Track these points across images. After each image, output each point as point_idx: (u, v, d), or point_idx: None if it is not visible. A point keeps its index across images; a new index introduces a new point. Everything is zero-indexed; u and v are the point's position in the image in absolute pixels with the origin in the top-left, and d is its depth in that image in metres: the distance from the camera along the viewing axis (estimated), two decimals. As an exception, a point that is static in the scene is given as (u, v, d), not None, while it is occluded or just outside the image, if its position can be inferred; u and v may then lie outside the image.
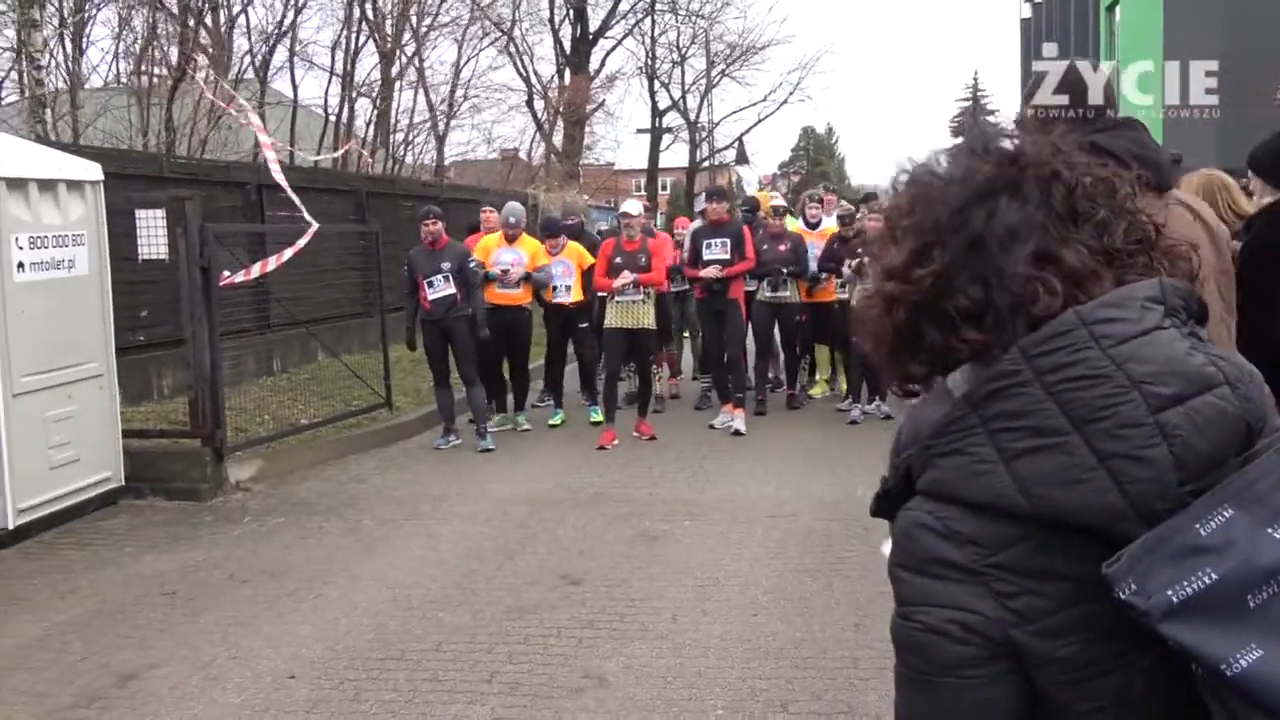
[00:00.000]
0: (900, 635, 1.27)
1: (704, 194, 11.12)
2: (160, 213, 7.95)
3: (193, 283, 7.85)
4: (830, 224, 10.82)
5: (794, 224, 11.25)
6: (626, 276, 8.97)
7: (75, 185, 7.25)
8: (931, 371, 1.33)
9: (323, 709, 4.34)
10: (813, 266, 10.26)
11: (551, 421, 10.19)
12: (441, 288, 9.12)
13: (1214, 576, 1.06)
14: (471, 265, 9.33)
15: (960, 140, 1.40)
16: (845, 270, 9.77)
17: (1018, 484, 1.15)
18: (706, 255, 9.64)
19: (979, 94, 75.47)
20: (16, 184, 6.70)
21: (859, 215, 10.31)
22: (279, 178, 9.83)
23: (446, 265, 9.13)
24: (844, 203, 10.90)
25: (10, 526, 6.62)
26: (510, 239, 9.88)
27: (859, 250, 9.60)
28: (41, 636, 5.20)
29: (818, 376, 11.44)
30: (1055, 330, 1.18)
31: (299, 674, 4.66)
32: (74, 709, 4.42)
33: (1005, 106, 71.49)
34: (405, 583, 5.84)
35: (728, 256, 9.59)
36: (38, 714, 4.38)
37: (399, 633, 5.11)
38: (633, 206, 9.59)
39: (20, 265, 6.69)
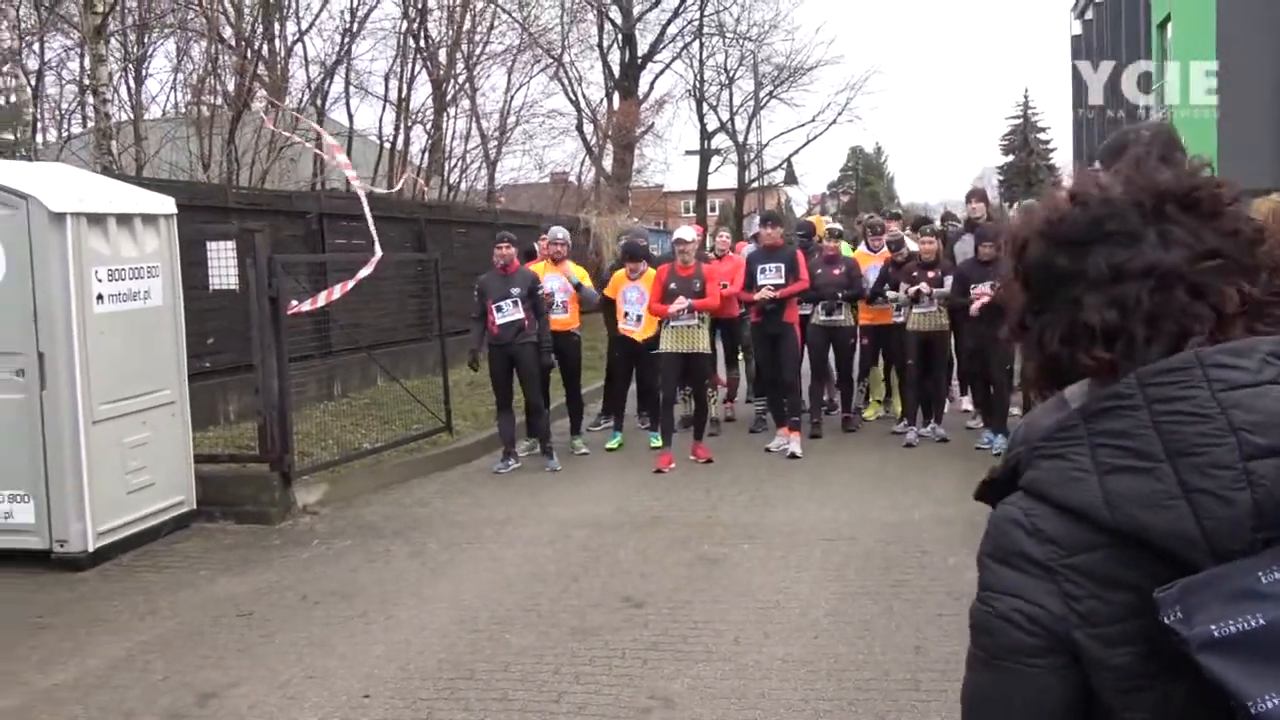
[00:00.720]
0: (977, 617, 1.34)
1: (758, 219, 11.22)
2: (230, 244, 8.20)
3: (262, 312, 8.08)
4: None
5: (849, 249, 11.32)
6: (680, 302, 9.09)
7: (150, 219, 7.51)
8: (1053, 376, 1.36)
9: (398, 728, 4.48)
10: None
11: (609, 445, 10.32)
12: (510, 312, 9.28)
13: (1261, 621, 1.11)
14: (542, 292, 9.49)
15: (1128, 154, 1.40)
16: (901, 295, 9.81)
17: (1105, 497, 1.21)
18: (760, 279, 9.74)
19: (1030, 111, 74.94)
20: (96, 219, 6.96)
21: (907, 238, 10.41)
22: (363, 197, 10.07)
23: (516, 290, 9.30)
24: (893, 228, 10.94)
25: (90, 549, 6.84)
26: (556, 261, 10.06)
27: (914, 274, 9.68)
28: (125, 656, 5.39)
29: (870, 398, 11.48)
30: (1173, 365, 1.22)
31: (374, 693, 4.81)
32: (159, 727, 4.59)
33: (1056, 124, 71.16)
34: (472, 605, 5.98)
35: (782, 281, 9.68)
36: (125, 731, 4.56)
37: (468, 653, 5.24)
38: (687, 233, 9.72)
39: (99, 297, 6.95)
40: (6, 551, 6.82)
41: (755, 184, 45.19)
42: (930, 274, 9.66)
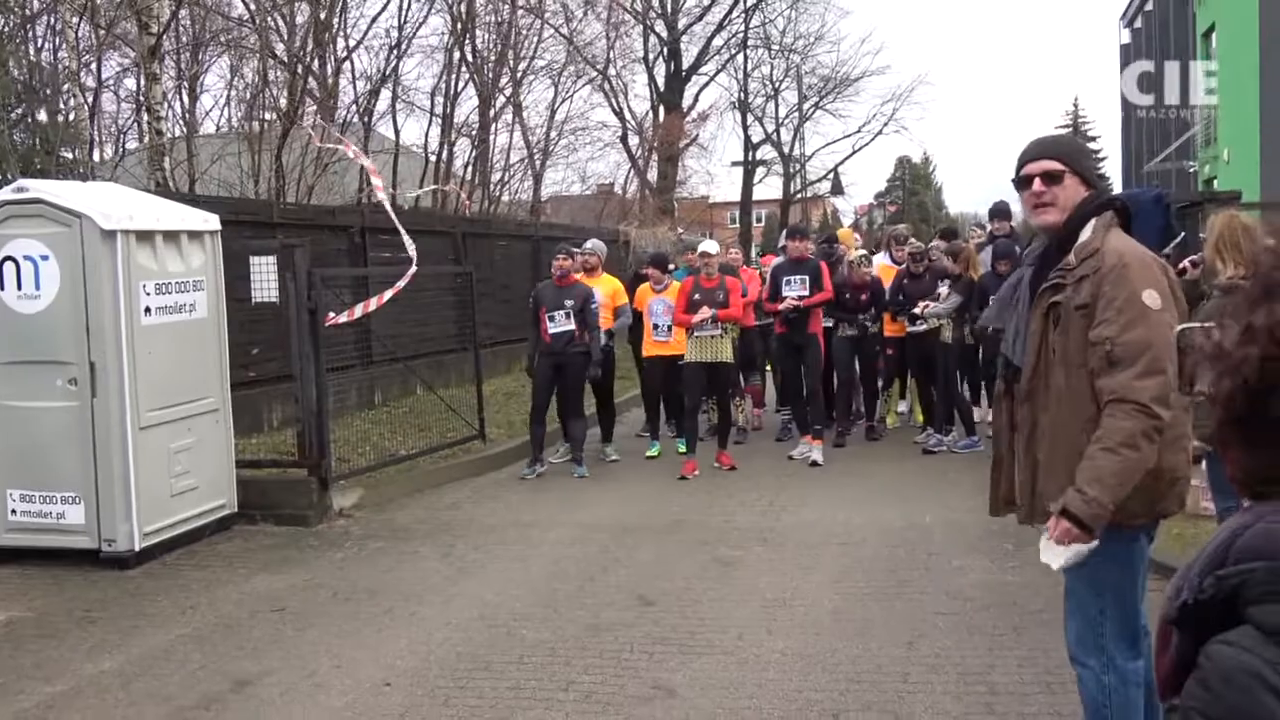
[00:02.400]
0: None
1: (785, 232, 11.49)
2: (272, 259, 8.58)
3: (301, 324, 8.46)
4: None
5: (879, 262, 11.51)
6: (705, 312, 9.38)
7: (196, 235, 7.91)
8: None
9: (415, 713, 4.79)
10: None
11: (650, 453, 10.60)
12: (562, 323, 9.62)
13: None
14: (594, 306, 9.81)
15: None
16: (918, 307, 10.04)
17: None
18: (785, 291, 10.01)
19: (1080, 120, 74.40)
20: (145, 236, 7.36)
21: (931, 249, 10.61)
22: (388, 207, 10.46)
23: (569, 303, 9.64)
24: (914, 240, 11.16)
25: (136, 549, 7.23)
26: (589, 271, 10.38)
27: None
28: (166, 647, 5.75)
29: (890, 407, 11.69)
30: None
31: (394, 682, 5.12)
32: (195, 709, 4.93)
33: (1106, 133, 70.61)
34: (493, 602, 6.29)
35: (806, 292, 9.95)
36: (163, 713, 4.90)
37: (485, 646, 5.55)
38: (711, 246, 10.04)
39: (148, 310, 7.35)
40: (58, 550, 7.23)
41: (800, 195, 45.32)
42: (941, 289, 9.90)
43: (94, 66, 15.96)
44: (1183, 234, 6.15)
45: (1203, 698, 1.03)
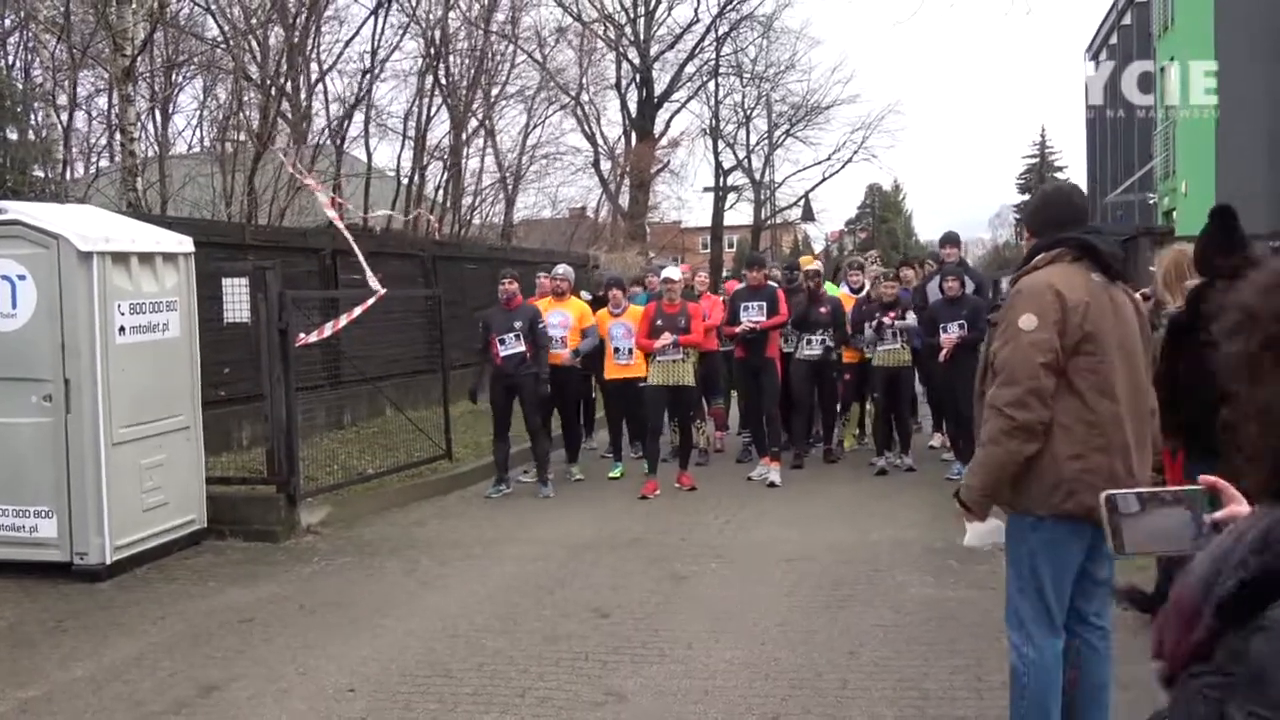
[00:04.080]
0: None
1: (745, 262, 11.84)
2: (244, 280, 8.81)
3: (271, 344, 8.68)
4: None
5: (834, 289, 11.90)
6: (666, 337, 9.67)
7: (170, 257, 8.14)
8: None
9: (376, 716, 5.01)
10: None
11: (612, 474, 10.84)
12: (513, 345, 9.86)
13: None
14: (542, 326, 10.06)
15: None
16: (867, 331, 10.39)
17: None
18: (743, 316, 10.35)
19: (1047, 151, 75.55)
20: (120, 257, 7.58)
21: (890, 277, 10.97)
22: (347, 235, 10.68)
23: (519, 324, 9.88)
24: (877, 265, 11.53)
25: (108, 562, 7.41)
26: (559, 295, 10.64)
27: (875, 314, 10.27)
28: (137, 655, 5.94)
29: (847, 430, 12.01)
30: None
31: (358, 688, 5.35)
32: (164, 714, 5.13)
33: (1073, 163, 71.70)
34: (455, 614, 6.52)
35: (763, 318, 10.28)
36: (133, 718, 5.10)
37: (446, 655, 5.78)
38: (673, 272, 10.33)
39: (122, 329, 7.56)
40: (31, 563, 7.40)
41: (771, 221, 45.80)
42: (891, 314, 10.24)
43: (68, 85, 16.18)
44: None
45: (1250, 692, 1.17)
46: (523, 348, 9.86)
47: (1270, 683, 1.15)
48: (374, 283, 10.26)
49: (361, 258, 10.49)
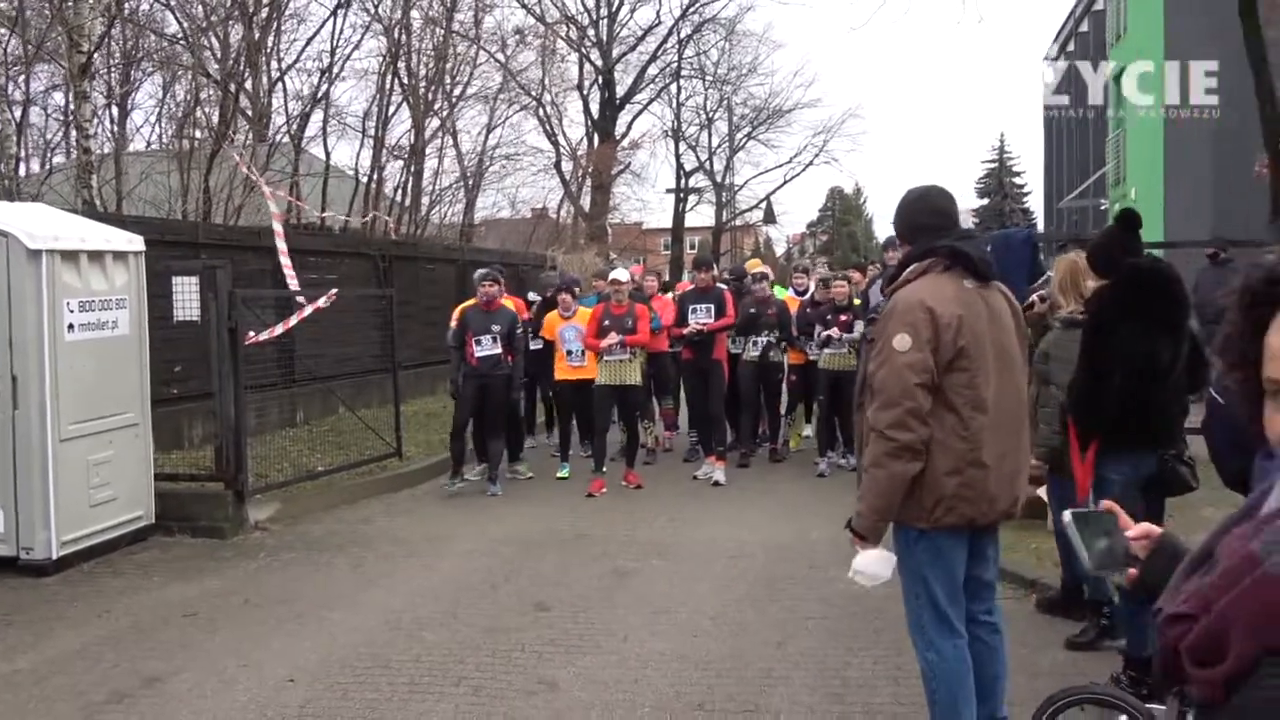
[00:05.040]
0: None
1: (692, 263, 12.02)
2: (194, 279, 8.89)
3: (221, 342, 8.77)
4: None
5: (783, 292, 12.13)
6: (613, 338, 9.83)
7: (120, 256, 8.21)
8: None
9: (315, 705, 5.14)
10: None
11: (560, 474, 10.97)
12: (489, 346, 9.95)
13: None
14: (519, 331, 10.16)
15: None
16: (817, 334, 10.59)
17: None
18: (691, 318, 10.54)
19: (1005, 155, 76.32)
20: (70, 256, 7.65)
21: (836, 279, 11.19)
22: (281, 245, 10.78)
23: (496, 327, 9.98)
24: (824, 268, 11.75)
25: (54, 557, 7.48)
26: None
27: (827, 317, 10.47)
28: (80, 648, 6.03)
29: (792, 429, 12.23)
30: None
31: (297, 678, 5.47)
32: (107, 704, 5.23)
33: (1031, 168, 72.55)
34: (398, 609, 6.65)
35: (711, 319, 10.48)
36: (77, 708, 5.20)
37: (386, 647, 5.91)
38: (621, 274, 10.49)
39: (71, 326, 7.63)
40: (-23, 558, 7.47)
41: (732, 222, 46.09)
42: (843, 317, 10.45)
43: (22, 81, 16.13)
44: (1049, 273, 6.74)
45: None
46: (498, 350, 9.95)
47: None
48: (293, 283, 10.37)
49: (287, 261, 10.58)
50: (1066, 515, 2.01)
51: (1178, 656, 1.38)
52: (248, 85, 18.64)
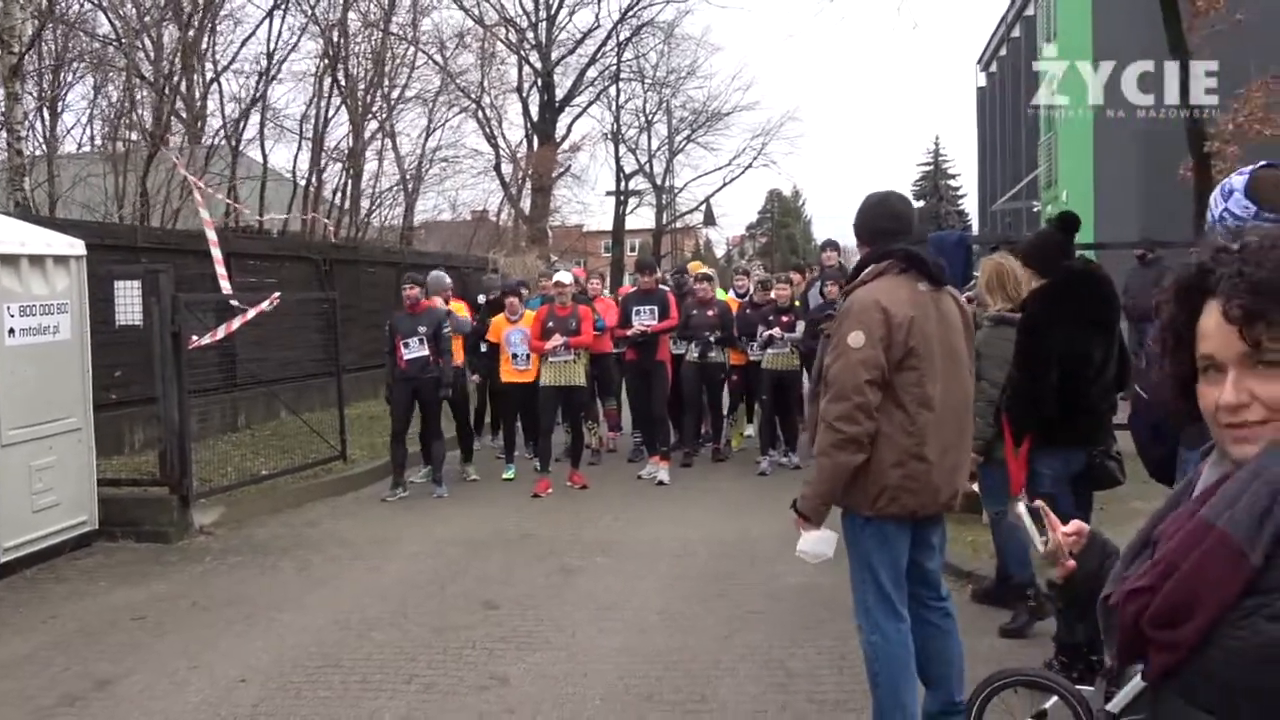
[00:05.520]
0: None
1: (635, 266, 12.15)
2: (136, 283, 8.85)
3: (164, 346, 8.75)
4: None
5: (723, 294, 12.31)
6: (557, 339, 9.94)
7: (61, 260, 8.16)
8: None
9: (268, 704, 5.20)
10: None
11: (505, 476, 11.02)
12: (417, 349, 10.00)
13: None
14: (446, 331, 10.23)
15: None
16: (759, 335, 10.78)
17: None
18: (635, 320, 10.68)
19: (940, 159, 77.45)
20: (10, 260, 7.60)
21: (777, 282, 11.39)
22: (210, 235, 10.76)
23: (423, 329, 10.02)
24: (760, 270, 11.96)
25: (-3, 563, 7.44)
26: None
27: (769, 318, 10.67)
28: (28, 653, 6.02)
29: (734, 429, 12.41)
30: None
31: (249, 678, 5.52)
32: (57, 708, 5.25)
33: (965, 171, 73.61)
34: (346, 609, 6.70)
35: (655, 321, 10.64)
36: (26, 713, 5.21)
37: (336, 647, 5.98)
38: (565, 276, 10.59)
39: (11, 331, 7.58)
40: (-82, 565, 7.39)
41: (672, 225, 46.29)
42: (785, 318, 10.66)
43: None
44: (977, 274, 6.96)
45: None
46: (426, 351, 10.02)
47: None
48: (226, 287, 10.37)
49: (222, 270, 10.57)
50: (1020, 506, 2.13)
51: (1138, 629, 1.48)
52: (182, 87, 18.47)
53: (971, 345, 4.29)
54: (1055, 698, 3.94)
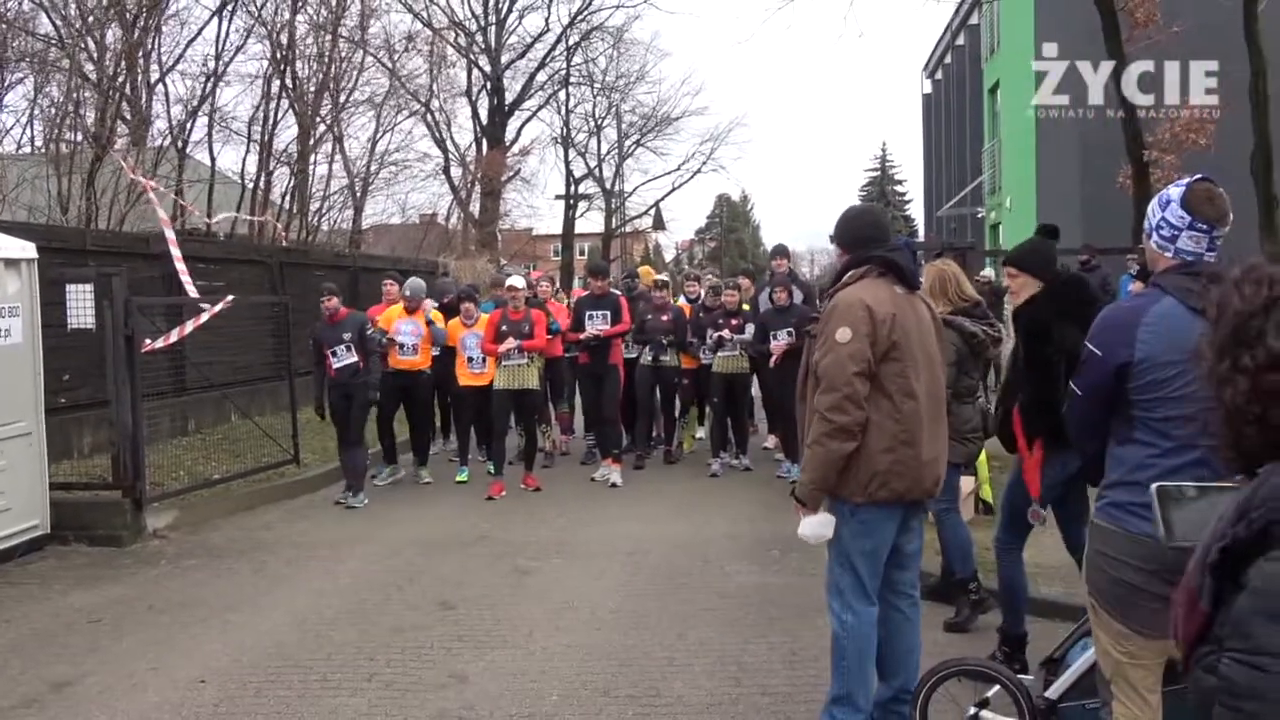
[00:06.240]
0: (1242, 680, 1.35)
1: (587, 270, 12.26)
2: (89, 287, 8.83)
3: (117, 350, 8.73)
4: None
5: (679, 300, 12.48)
6: (510, 343, 10.03)
7: (12, 263, 8.13)
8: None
9: (229, 704, 5.25)
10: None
11: (459, 478, 11.09)
12: (344, 356, 9.98)
13: None
14: (370, 333, 10.25)
15: None
16: (709, 338, 10.96)
17: None
18: (588, 324, 10.81)
19: (887, 165, 78.33)
20: (-39, 263, 7.57)
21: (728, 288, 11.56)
22: (180, 266, 10.73)
23: (347, 335, 10.01)
24: (711, 276, 12.13)
25: (-52, 568, 7.40)
26: (410, 310, 10.89)
27: (718, 321, 10.85)
28: (-17, 657, 6.03)
29: (686, 432, 12.57)
30: None
31: (208, 679, 5.57)
32: (15, 710, 5.27)
33: (911, 177, 74.54)
34: (304, 610, 6.76)
35: (608, 326, 10.78)
36: (-16, 715, 5.23)
37: (295, 647, 6.04)
38: (518, 281, 10.69)
39: (-38, 335, 7.55)
40: None
41: (621, 229, 46.45)
42: (734, 321, 10.85)
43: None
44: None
45: (1257, 601, 1.37)
46: (355, 358, 9.95)
47: (1250, 632, 1.34)
48: (191, 290, 10.36)
49: (183, 267, 10.55)
50: (1153, 488, 2.09)
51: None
52: (127, 88, 18.27)
53: (943, 346, 4.50)
54: (997, 686, 4.12)
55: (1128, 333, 3.17)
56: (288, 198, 21.75)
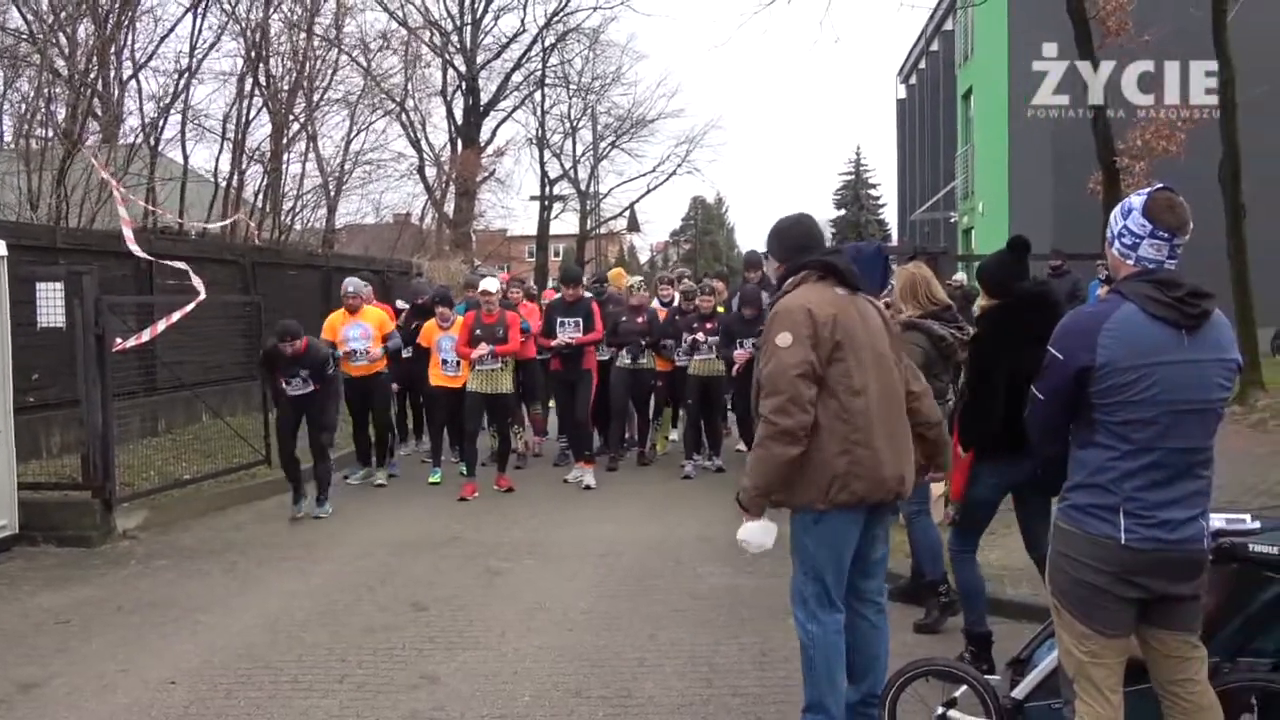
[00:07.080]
0: None
1: (560, 277, 12.24)
2: (59, 285, 8.78)
3: (88, 349, 8.68)
4: None
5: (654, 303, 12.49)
6: (484, 348, 10.03)
7: (-19, 261, 8.08)
8: None
9: (199, 705, 5.24)
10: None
11: (432, 479, 11.07)
12: (300, 387, 9.58)
13: None
14: (330, 372, 9.82)
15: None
16: (684, 341, 11.00)
17: None
18: (559, 331, 10.85)
19: (861, 168, 78.59)
20: (-71, 261, 7.51)
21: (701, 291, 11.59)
22: (135, 248, 10.69)
23: (304, 372, 9.55)
24: (687, 280, 12.18)
25: (-86, 568, 7.34)
26: (352, 310, 10.82)
27: (693, 325, 10.90)
28: (-50, 657, 5.98)
29: (659, 433, 12.60)
30: None
31: (179, 680, 5.55)
32: (-17, 711, 5.24)
33: (885, 181, 74.81)
34: (275, 611, 6.74)
35: (579, 333, 10.82)
36: (-49, 716, 5.20)
37: (266, 648, 6.03)
38: (491, 284, 10.68)
39: (-69, 333, 7.49)
40: None
41: (596, 230, 46.48)
42: (708, 324, 10.90)
43: None
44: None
45: None
46: (312, 388, 9.62)
47: None
48: (198, 283, 10.30)
49: (133, 245, 10.51)
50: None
51: None
52: (99, 85, 18.11)
53: (895, 344, 4.49)
54: (965, 686, 4.17)
55: (1089, 338, 3.22)
56: (261, 196, 21.65)
